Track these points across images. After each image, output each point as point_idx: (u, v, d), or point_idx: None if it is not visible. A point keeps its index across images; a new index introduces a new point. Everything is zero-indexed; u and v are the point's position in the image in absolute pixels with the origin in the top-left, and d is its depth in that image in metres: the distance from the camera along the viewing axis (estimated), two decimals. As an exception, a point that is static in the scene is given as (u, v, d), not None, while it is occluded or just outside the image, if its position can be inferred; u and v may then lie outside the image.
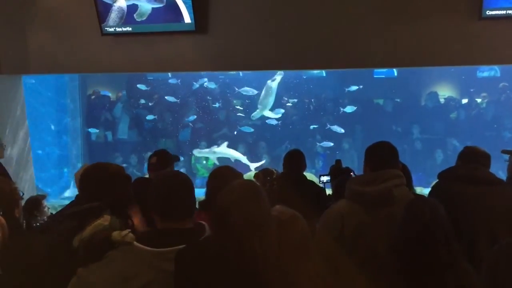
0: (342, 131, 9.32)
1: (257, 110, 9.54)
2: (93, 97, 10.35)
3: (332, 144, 9.41)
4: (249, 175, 5.99)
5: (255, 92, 9.53)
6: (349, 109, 9.54)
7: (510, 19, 4.93)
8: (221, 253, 1.87)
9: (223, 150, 9.28)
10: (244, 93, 9.63)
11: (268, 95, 9.46)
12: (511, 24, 4.98)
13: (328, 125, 9.43)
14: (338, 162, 4.24)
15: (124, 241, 2.07)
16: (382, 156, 2.61)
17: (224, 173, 3.05)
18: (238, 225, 1.86)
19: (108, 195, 2.35)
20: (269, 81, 9.50)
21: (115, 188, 2.44)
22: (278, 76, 9.47)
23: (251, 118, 9.67)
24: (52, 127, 9.52)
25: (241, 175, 3.17)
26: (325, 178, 4.31)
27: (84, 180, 2.50)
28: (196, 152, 9.44)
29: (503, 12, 4.88)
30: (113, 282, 2.03)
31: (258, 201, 1.93)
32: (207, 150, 9.39)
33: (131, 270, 2.03)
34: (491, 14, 4.90)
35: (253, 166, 9.11)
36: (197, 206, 2.67)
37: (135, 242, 2.05)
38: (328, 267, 2.11)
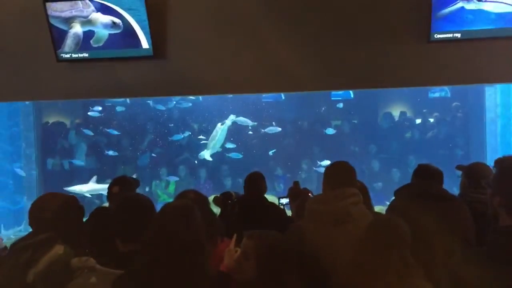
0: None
1: (205, 151, 9.56)
2: (48, 124, 10.12)
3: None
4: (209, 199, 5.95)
5: (250, 123, 9.56)
6: (329, 131, 9.71)
7: (457, 42, 5.17)
8: (150, 277, 1.85)
9: (93, 186, 9.06)
10: (239, 123, 9.63)
11: (218, 137, 9.53)
12: (458, 46, 5.22)
13: (319, 163, 9.44)
14: (296, 183, 4.29)
15: (86, 266, 2.03)
16: (339, 175, 2.68)
17: (190, 197, 3.03)
18: (165, 247, 1.86)
19: (60, 226, 2.30)
20: (219, 124, 9.61)
21: (67, 218, 2.39)
22: (229, 121, 9.61)
23: (199, 156, 9.66)
24: (6, 155, 9.22)
25: (206, 199, 3.16)
26: (284, 201, 4.34)
27: (35, 211, 2.43)
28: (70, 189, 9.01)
29: (450, 35, 5.11)
30: None
31: (187, 223, 1.94)
32: (78, 187, 9.07)
33: None
34: (439, 37, 5.12)
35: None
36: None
37: (98, 266, 2.01)
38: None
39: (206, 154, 9.58)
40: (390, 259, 2.15)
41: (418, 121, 10.33)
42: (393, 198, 3.40)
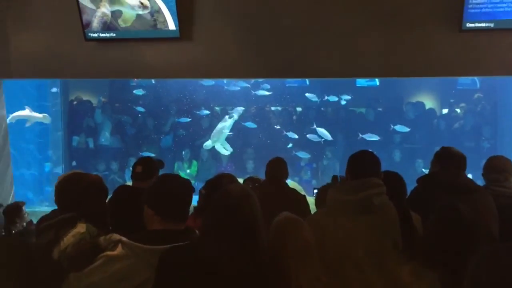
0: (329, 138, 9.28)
1: (209, 141, 9.50)
2: (75, 103, 10.26)
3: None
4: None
5: (330, 137, 9.33)
6: (400, 128, 9.37)
7: (489, 32, 5.04)
8: (215, 254, 1.88)
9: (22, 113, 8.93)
10: (319, 133, 9.34)
11: (223, 129, 9.46)
12: (490, 36, 5.09)
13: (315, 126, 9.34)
14: (335, 178, 4.20)
15: (112, 240, 2.07)
16: (363, 164, 2.64)
17: (223, 182, 3.05)
18: (235, 228, 1.89)
19: (83, 205, 2.33)
20: (227, 116, 9.53)
21: (90, 198, 2.42)
22: (236, 114, 9.53)
23: (203, 146, 9.61)
24: (33, 133, 9.40)
25: (239, 182, 3.19)
26: None
27: (60, 190, 2.47)
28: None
29: (483, 24, 4.99)
30: (110, 282, 2.03)
31: (253, 205, 1.97)
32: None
33: (128, 269, 2.04)
34: (471, 27, 5.01)
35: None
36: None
37: (127, 240, 2.05)
38: (328, 270, 2.14)
39: (209, 145, 9.51)
40: None
41: (445, 111, 10.14)
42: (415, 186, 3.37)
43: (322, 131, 9.30)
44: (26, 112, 8.95)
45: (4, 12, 5.97)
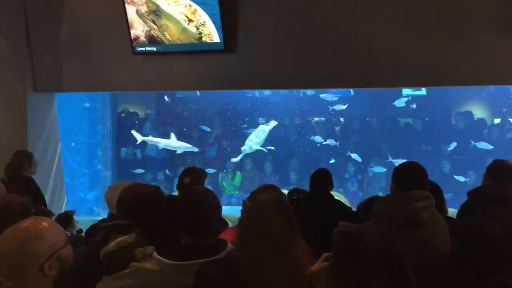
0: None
1: (244, 147, 9.48)
2: (122, 115, 10.53)
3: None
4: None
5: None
6: (482, 145, 8.94)
7: (544, 38, 4.84)
8: (249, 267, 1.87)
9: (171, 142, 9.44)
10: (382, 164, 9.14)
11: (258, 136, 9.46)
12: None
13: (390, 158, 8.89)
14: None
15: (146, 254, 2.10)
16: (410, 176, 2.56)
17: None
18: (263, 241, 1.86)
19: (138, 216, 2.37)
20: (263, 125, 9.53)
21: (144, 209, 2.45)
22: (272, 123, 9.54)
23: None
24: (83, 144, 9.71)
25: (281, 193, 3.17)
26: None
27: (118, 198, 2.54)
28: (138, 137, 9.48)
29: (537, 30, 4.79)
30: None
31: (284, 214, 1.93)
32: (154, 139, 9.56)
33: (150, 282, 2.04)
34: (524, 33, 4.82)
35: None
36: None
37: (155, 254, 2.07)
38: None
39: (243, 151, 9.51)
40: None
41: (497, 121, 9.76)
42: (466, 199, 3.25)
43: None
44: (173, 142, 9.42)
45: (55, 28, 6.24)
